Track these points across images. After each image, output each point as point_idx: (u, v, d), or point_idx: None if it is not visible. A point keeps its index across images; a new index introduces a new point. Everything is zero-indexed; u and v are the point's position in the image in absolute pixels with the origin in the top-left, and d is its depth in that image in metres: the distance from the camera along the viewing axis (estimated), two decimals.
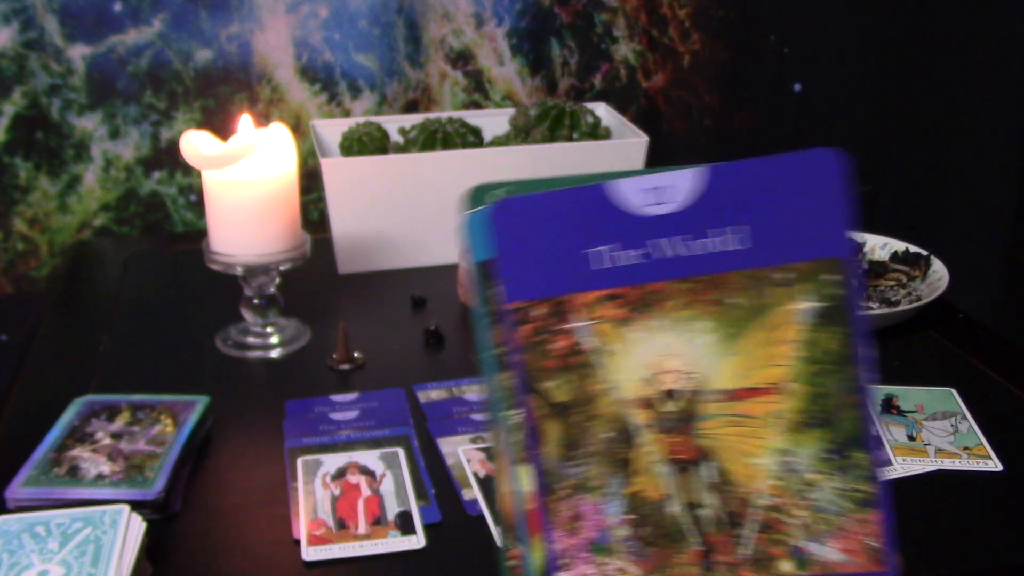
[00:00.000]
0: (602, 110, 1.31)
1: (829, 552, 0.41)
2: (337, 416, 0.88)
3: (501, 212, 0.39)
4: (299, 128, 1.33)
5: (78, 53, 1.26)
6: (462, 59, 1.39)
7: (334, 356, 0.97)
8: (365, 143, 1.18)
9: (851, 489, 0.41)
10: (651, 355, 0.41)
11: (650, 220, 0.39)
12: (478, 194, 0.42)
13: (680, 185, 0.39)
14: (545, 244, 0.39)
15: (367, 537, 0.72)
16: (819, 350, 0.40)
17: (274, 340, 1.00)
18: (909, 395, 0.90)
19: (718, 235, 0.39)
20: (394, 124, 1.25)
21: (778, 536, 0.41)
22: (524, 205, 0.39)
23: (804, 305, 0.40)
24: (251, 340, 1.00)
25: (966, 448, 0.82)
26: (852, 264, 0.39)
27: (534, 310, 0.40)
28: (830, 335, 0.40)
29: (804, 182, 0.39)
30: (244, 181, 0.94)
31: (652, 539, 0.41)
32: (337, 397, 0.91)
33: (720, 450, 0.41)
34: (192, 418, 0.82)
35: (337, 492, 0.76)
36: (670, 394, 0.41)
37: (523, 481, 0.41)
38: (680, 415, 0.41)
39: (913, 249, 1.10)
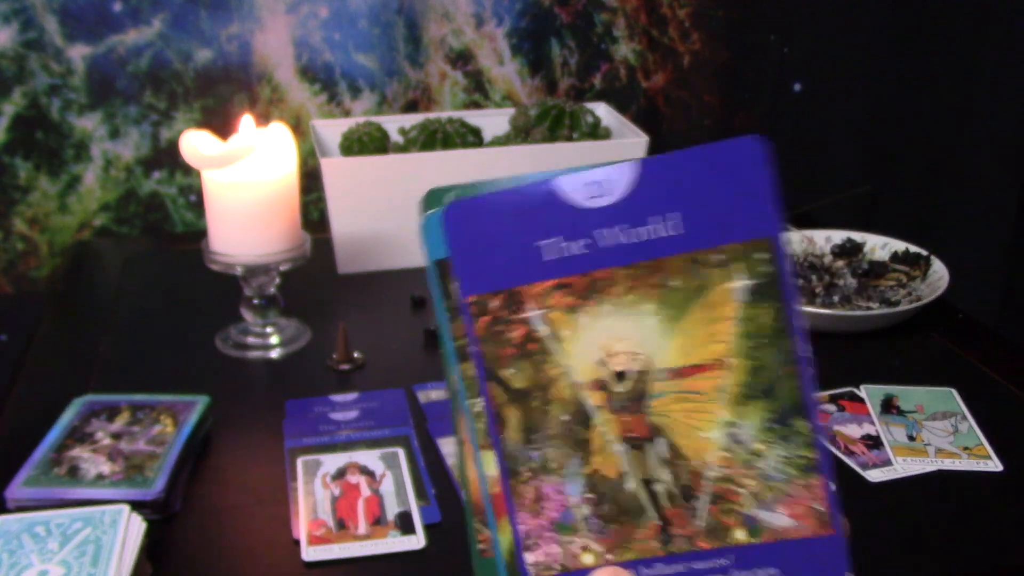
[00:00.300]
0: (602, 110, 1.31)
1: (778, 518, 0.43)
2: (337, 416, 0.88)
3: (453, 213, 0.42)
4: (299, 128, 1.33)
5: (78, 53, 1.26)
6: (462, 59, 1.39)
7: (334, 356, 0.97)
8: (365, 143, 1.19)
9: (795, 456, 0.43)
10: (600, 339, 0.43)
11: (592, 212, 0.42)
12: (433, 198, 0.46)
13: (618, 178, 0.42)
14: (497, 239, 0.42)
15: (367, 537, 0.72)
16: (755, 325, 0.43)
17: (274, 340, 1.00)
18: (909, 395, 0.90)
19: (655, 223, 0.42)
20: (394, 124, 1.25)
21: (729, 506, 0.43)
22: (475, 205, 0.42)
23: (739, 283, 0.43)
24: (251, 340, 1.00)
25: (966, 448, 0.82)
26: (781, 241, 0.41)
27: (490, 302, 0.42)
28: (764, 310, 0.43)
29: (730, 169, 0.41)
30: (244, 181, 0.94)
31: (612, 516, 0.43)
32: (337, 397, 0.91)
33: (670, 426, 0.44)
34: (192, 418, 0.82)
35: (337, 492, 0.76)
36: (620, 375, 0.43)
37: (488, 466, 0.43)
38: (631, 395, 0.44)
39: (913, 249, 1.10)
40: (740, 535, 0.43)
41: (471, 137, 1.20)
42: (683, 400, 0.43)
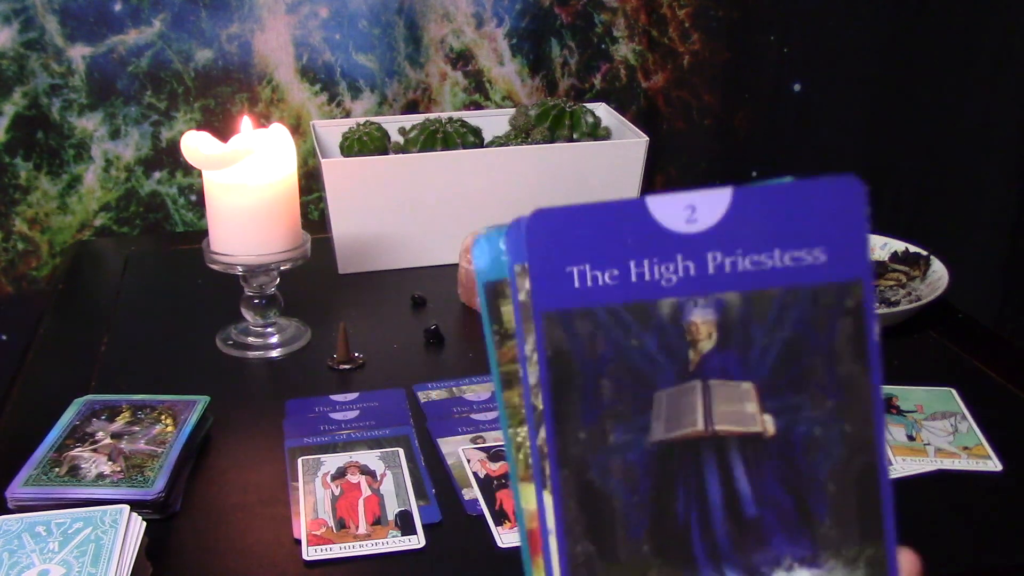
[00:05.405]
0: (602, 110, 1.31)
1: None
2: (337, 416, 0.88)
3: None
4: (299, 128, 1.33)
5: (78, 53, 1.26)
6: (462, 59, 1.39)
7: (334, 356, 0.97)
8: (365, 143, 1.19)
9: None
10: None
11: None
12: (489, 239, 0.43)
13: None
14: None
15: (367, 537, 0.72)
16: None
17: (274, 340, 1.00)
18: (909, 395, 0.90)
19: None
20: (394, 124, 1.25)
21: None
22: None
23: None
24: (251, 340, 1.00)
25: (966, 448, 0.82)
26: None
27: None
28: None
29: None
30: (244, 182, 0.94)
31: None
32: (337, 397, 0.91)
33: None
34: (192, 418, 0.82)
35: (337, 492, 0.76)
36: None
37: (527, 500, 0.41)
38: None
39: (913, 249, 1.10)
40: None
41: (471, 137, 1.20)
42: None
